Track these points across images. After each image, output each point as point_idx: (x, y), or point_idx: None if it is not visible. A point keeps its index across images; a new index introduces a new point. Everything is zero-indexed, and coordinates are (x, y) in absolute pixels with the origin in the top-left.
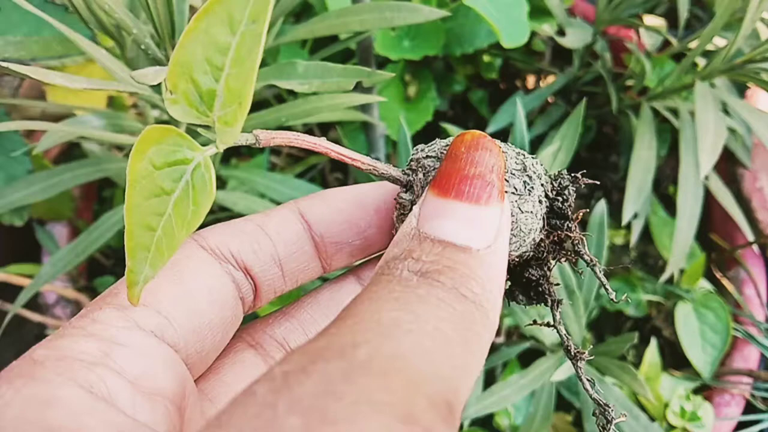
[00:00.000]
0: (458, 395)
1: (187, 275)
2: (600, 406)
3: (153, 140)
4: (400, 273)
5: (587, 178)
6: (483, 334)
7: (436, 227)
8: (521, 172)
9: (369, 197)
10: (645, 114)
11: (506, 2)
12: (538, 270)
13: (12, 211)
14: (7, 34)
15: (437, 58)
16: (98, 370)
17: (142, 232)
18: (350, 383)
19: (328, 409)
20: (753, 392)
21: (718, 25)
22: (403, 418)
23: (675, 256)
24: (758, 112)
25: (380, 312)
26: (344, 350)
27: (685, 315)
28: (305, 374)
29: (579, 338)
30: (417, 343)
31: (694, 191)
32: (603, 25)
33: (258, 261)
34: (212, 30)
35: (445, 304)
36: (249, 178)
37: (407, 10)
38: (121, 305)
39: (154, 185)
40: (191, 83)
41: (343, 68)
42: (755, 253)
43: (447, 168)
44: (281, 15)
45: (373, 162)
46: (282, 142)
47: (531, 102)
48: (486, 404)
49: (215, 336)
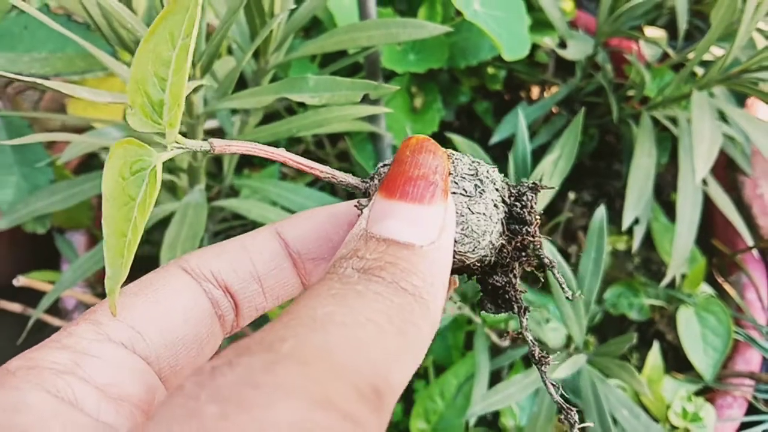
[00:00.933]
0: (390, 384)
1: (163, 294)
2: (563, 409)
3: (120, 155)
4: (343, 271)
5: (590, 186)
6: (421, 325)
7: (382, 227)
8: (472, 176)
9: (343, 214)
10: (645, 122)
11: (507, 17)
12: (504, 277)
13: (35, 219)
14: (33, 51)
15: (443, 70)
16: (66, 377)
17: (117, 240)
18: (270, 373)
19: (245, 396)
20: (755, 394)
21: (714, 36)
22: (319, 402)
23: (675, 261)
24: (756, 120)
25: (316, 308)
26: (272, 344)
27: (687, 319)
28: (230, 367)
29: (580, 338)
30: (347, 335)
31: (693, 197)
32: (604, 37)
33: (237, 279)
34: (158, 48)
35: (382, 297)
36: (261, 187)
37: (412, 26)
38: (96, 321)
39: (124, 195)
40: (145, 96)
41: (352, 82)
42: (756, 258)
43: (393, 171)
44: (292, 31)
45: (332, 171)
46: (238, 151)
47: (534, 112)
48: (491, 402)
49: (189, 351)
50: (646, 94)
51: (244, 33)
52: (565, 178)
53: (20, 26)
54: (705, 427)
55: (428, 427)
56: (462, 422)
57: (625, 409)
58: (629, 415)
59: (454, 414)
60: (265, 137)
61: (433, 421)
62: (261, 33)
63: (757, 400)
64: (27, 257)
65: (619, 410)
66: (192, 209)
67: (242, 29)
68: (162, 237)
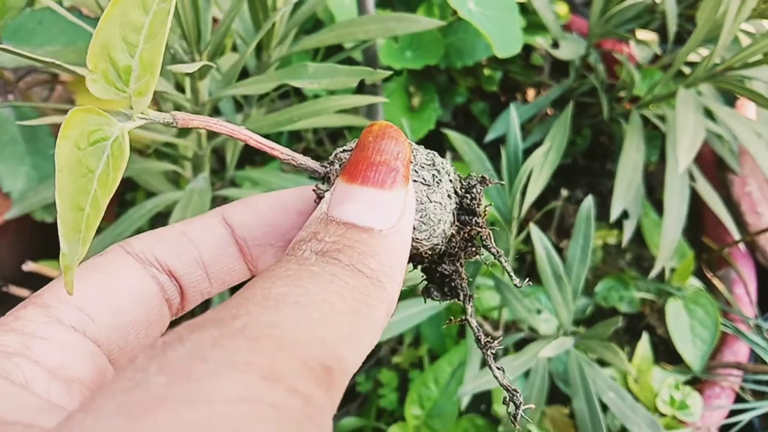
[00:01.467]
0: (342, 362)
1: (111, 277)
2: (509, 392)
3: (75, 124)
4: (302, 253)
5: (584, 185)
6: (376, 306)
7: (342, 211)
8: (430, 166)
9: (290, 200)
10: (634, 119)
11: (500, 16)
12: (451, 265)
13: (43, 207)
14: (47, 45)
15: (440, 71)
16: (16, 359)
17: (73, 214)
18: (219, 347)
19: (193, 369)
20: (742, 385)
21: (699, 36)
22: (266, 377)
23: (663, 252)
24: (742, 118)
25: (270, 288)
26: (223, 320)
27: (675, 311)
28: (180, 342)
29: (568, 322)
30: (300, 314)
31: (680, 190)
32: (595, 39)
33: (181, 264)
34: (128, 12)
35: (338, 278)
36: (263, 178)
37: (408, 20)
38: (44, 304)
39: (81, 166)
40: (109, 62)
41: (349, 69)
42: (745, 254)
43: (355, 156)
44: (294, 27)
45: (292, 153)
46: (200, 125)
47: (528, 111)
48: (482, 382)
49: (138, 334)
50: (636, 94)
51: (248, 27)
52: (554, 170)
53: (35, 22)
54: (692, 414)
55: (422, 413)
56: (455, 408)
57: (611, 391)
58: (616, 397)
59: (448, 400)
60: (269, 125)
61: (428, 407)
62: (264, 26)
63: (744, 390)
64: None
65: (606, 393)
66: (197, 194)
67: (246, 24)
68: None
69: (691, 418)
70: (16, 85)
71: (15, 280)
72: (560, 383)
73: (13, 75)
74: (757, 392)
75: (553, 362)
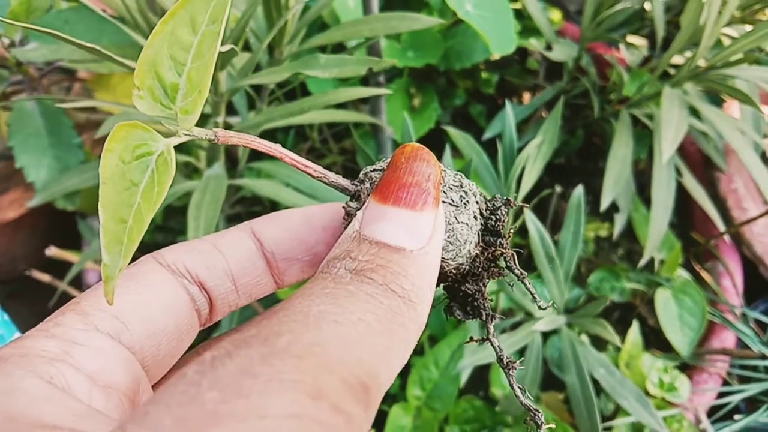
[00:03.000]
0: (377, 380)
1: (144, 287)
2: (530, 411)
3: (120, 138)
4: (336, 271)
5: (578, 183)
6: (409, 326)
7: (374, 230)
8: (458, 187)
9: (317, 216)
10: (623, 117)
11: (496, 18)
12: (474, 285)
13: (65, 196)
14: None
15: (440, 74)
16: (58, 364)
17: (116, 226)
18: (267, 365)
19: (244, 385)
20: (729, 371)
21: (683, 39)
22: (311, 393)
23: (651, 242)
24: (727, 117)
25: (310, 306)
26: (268, 338)
27: (664, 300)
28: (229, 358)
29: (560, 301)
30: (339, 333)
31: (667, 182)
32: (587, 42)
33: (211, 276)
34: (177, 31)
35: (372, 298)
36: (274, 170)
37: (410, 19)
38: (82, 311)
39: (125, 179)
40: (156, 79)
41: (357, 58)
42: (731, 248)
43: (388, 177)
44: (304, 26)
45: (324, 171)
46: (239, 143)
47: (523, 111)
48: (479, 357)
49: (170, 343)
50: (625, 95)
51: (261, 26)
52: (547, 163)
53: (61, 21)
54: (680, 396)
55: (423, 394)
56: (455, 390)
57: (602, 368)
58: (606, 373)
59: (448, 381)
60: (281, 114)
61: (428, 389)
62: (278, 23)
63: (731, 376)
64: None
65: (597, 369)
66: (213, 180)
67: (259, 23)
68: (177, 225)
69: (680, 400)
70: (39, 82)
71: (35, 265)
72: (555, 368)
73: (37, 72)
74: (743, 377)
75: (548, 348)
